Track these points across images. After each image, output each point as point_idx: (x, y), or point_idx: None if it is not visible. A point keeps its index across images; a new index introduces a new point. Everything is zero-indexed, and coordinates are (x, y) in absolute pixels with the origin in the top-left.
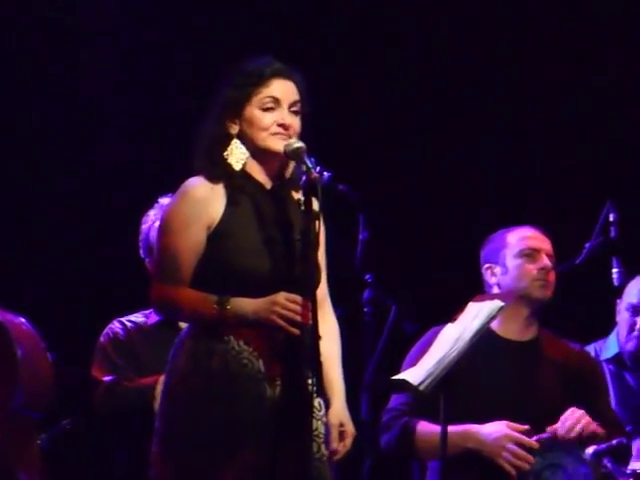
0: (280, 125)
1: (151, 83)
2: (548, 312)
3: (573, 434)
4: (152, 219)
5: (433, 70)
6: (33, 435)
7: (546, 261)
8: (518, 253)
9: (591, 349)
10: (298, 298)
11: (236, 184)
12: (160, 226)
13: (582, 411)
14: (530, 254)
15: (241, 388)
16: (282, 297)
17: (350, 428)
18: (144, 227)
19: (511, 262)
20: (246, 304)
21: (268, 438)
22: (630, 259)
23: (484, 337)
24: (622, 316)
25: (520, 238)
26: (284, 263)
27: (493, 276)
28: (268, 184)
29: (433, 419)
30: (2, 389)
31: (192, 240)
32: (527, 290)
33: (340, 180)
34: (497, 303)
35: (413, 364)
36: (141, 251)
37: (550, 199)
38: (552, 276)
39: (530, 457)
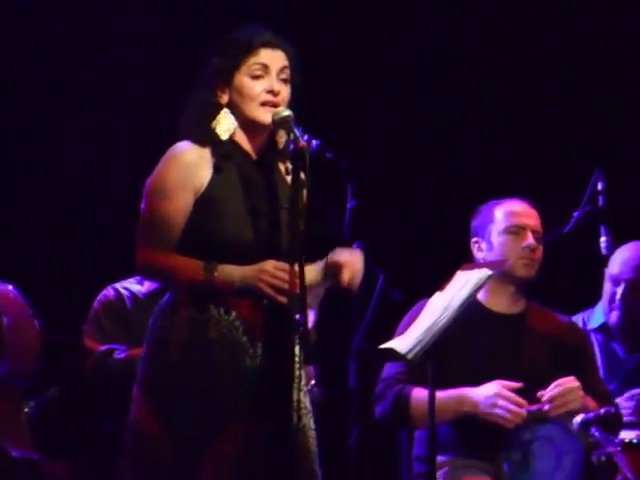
0: (269, 92)
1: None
2: (536, 282)
3: (563, 405)
4: None
5: (423, 45)
6: (20, 403)
7: (531, 239)
8: (503, 230)
9: (579, 319)
10: (286, 266)
11: (223, 151)
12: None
13: (578, 384)
14: (515, 231)
15: (218, 357)
16: (270, 265)
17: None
18: None
19: (496, 239)
20: (234, 271)
21: (248, 407)
22: (618, 228)
23: (472, 309)
24: (605, 287)
25: (506, 214)
26: (269, 232)
27: (480, 251)
28: (255, 154)
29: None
30: None
31: (181, 204)
32: (511, 268)
33: (328, 148)
34: (485, 272)
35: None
36: None
37: (538, 168)
38: (537, 254)
39: (522, 412)
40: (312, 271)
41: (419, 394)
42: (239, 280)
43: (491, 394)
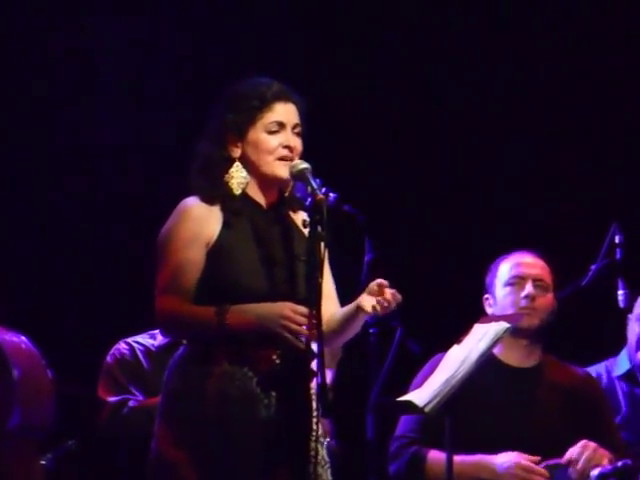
0: (285, 147)
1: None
2: (553, 334)
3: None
4: None
5: (435, 91)
6: (36, 455)
7: (530, 289)
8: (504, 283)
9: (602, 367)
10: (305, 310)
11: (234, 206)
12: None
13: (594, 445)
14: (515, 282)
15: (234, 410)
16: (289, 310)
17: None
18: None
19: (499, 292)
20: (248, 309)
21: (265, 460)
22: (636, 281)
23: (488, 363)
24: (632, 327)
25: (508, 267)
26: (285, 282)
27: (489, 307)
28: (267, 206)
29: (441, 447)
30: None
31: (194, 255)
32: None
33: (346, 201)
34: (503, 324)
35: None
36: None
37: (556, 221)
38: (538, 302)
39: None
40: (344, 311)
41: (435, 456)
42: (255, 319)
43: (512, 464)
